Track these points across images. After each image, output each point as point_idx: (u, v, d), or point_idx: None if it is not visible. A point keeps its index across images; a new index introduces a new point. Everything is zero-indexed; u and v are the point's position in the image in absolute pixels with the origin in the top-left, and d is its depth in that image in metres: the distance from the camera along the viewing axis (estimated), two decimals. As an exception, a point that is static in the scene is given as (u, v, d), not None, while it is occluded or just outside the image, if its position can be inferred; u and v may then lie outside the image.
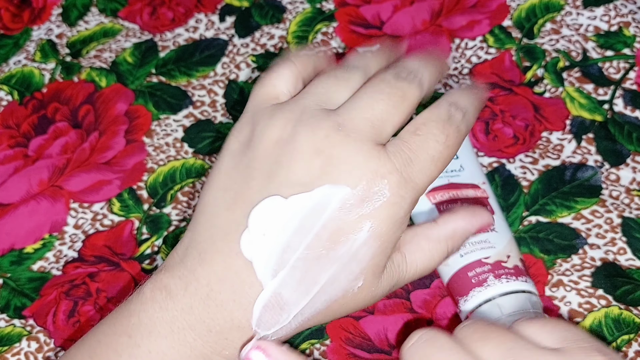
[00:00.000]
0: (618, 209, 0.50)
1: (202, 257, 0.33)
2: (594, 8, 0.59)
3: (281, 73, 0.35)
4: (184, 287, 0.33)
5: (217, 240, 0.33)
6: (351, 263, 0.32)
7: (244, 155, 0.33)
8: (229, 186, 0.33)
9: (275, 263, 0.32)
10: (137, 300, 0.34)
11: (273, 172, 0.32)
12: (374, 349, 0.46)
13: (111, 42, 0.63)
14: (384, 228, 0.32)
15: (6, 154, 0.57)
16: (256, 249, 0.32)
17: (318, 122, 0.32)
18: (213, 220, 0.33)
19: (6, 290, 0.51)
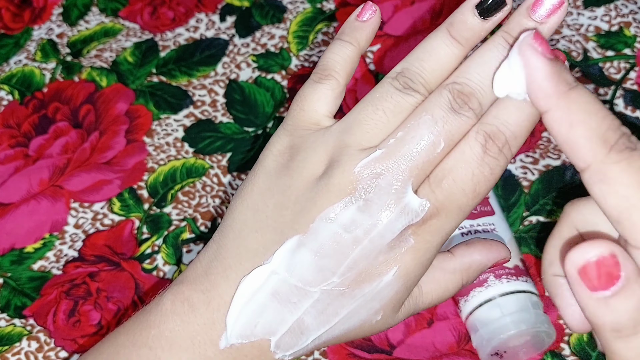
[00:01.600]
0: (618, 209, 0.50)
1: (227, 274, 0.33)
2: (595, 8, 0.59)
3: (323, 94, 0.34)
4: (207, 301, 0.33)
5: (244, 261, 0.33)
6: (373, 301, 0.33)
7: (280, 180, 0.33)
8: (262, 209, 0.33)
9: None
10: (156, 311, 0.34)
11: (307, 209, 0.32)
12: (374, 349, 0.46)
13: (112, 41, 0.63)
14: (409, 270, 0.32)
15: (7, 154, 0.57)
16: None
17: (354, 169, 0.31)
18: (241, 240, 0.33)
19: (7, 289, 0.51)
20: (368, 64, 0.59)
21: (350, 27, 0.35)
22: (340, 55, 0.35)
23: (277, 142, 0.34)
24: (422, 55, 0.32)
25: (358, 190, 0.31)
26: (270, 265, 0.32)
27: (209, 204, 0.53)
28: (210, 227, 0.52)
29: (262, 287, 0.32)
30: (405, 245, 0.32)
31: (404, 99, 0.32)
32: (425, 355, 0.45)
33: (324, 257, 0.32)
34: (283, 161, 0.34)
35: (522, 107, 0.30)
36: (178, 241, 0.52)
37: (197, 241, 0.52)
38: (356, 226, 0.31)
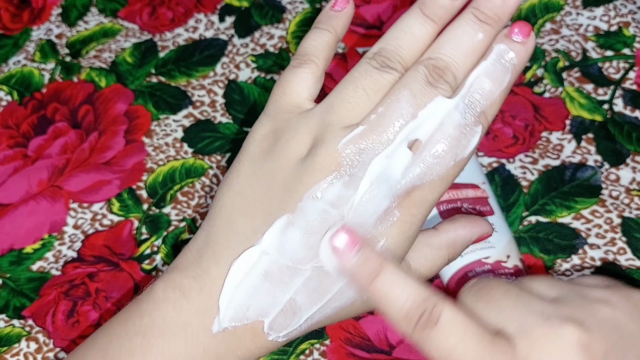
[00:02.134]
0: (618, 209, 0.50)
1: (217, 259, 0.33)
2: (594, 8, 0.59)
3: (303, 77, 0.35)
4: (199, 288, 0.33)
5: (233, 245, 0.33)
6: None
7: (265, 163, 0.34)
8: (249, 193, 0.34)
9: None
10: (148, 299, 0.34)
11: (294, 189, 0.33)
12: (373, 349, 0.46)
13: (111, 42, 0.63)
14: (396, 243, 0.33)
15: (6, 154, 0.57)
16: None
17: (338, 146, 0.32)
18: (231, 225, 0.34)
19: (5, 290, 0.51)
20: (367, 64, 0.59)
21: (327, 16, 0.36)
22: (319, 41, 0.36)
23: (260, 128, 0.35)
24: (397, 34, 0.34)
25: (343, 167, 0.32)
26: (260, 246, 0.32)
27: (208, 204, 0.53)
28: (209, 228, 0.52)
29: (253, 269, 0.33)
30: (391, 219, 0.33)
31: (382, 76, 0.33)
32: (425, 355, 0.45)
33: (313, 234, 0.32)
34: (267, 145, 0.34)
35: (498, 81, 0.33)
36: (177, 241, 0.52)
37: (197, 241, 0.51)
38: (343, 202, 0.32)
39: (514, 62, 0.33)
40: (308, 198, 0.32)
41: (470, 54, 0.33)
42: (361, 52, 0.60)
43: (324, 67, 0.36)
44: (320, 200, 0.32)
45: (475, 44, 0.33)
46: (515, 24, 0.33)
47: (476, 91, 0.33)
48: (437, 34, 0.34)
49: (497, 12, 0.33)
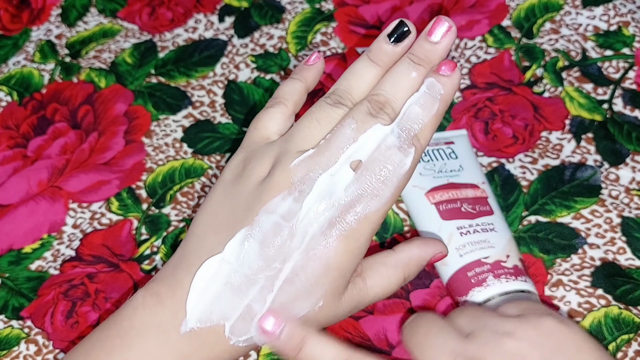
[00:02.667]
0: (617, 209, 0.50)
1: (189, 270, 0.37)
2: (593, 8, 0.59)
3: (273, 115, 0.41)
4: (172, 294, 0.37)
5: (203, 257, 0.37)
6: (313, 287, 0.37)
7: (233, 187, 0.39)
8: (218, 213, 0.38)
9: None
10: (129, 305, 0.38)
11: (252, 205, 0.37)
12: (372, 349, 0.46)
13: (110, 42, 0.63)
14: (342, 258, 0.37)
15: (5, 155, 0.57)
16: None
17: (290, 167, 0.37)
18: (201, 241, 0.38)
19: (4, 290, 0.50)
20: (367, 64, 0.59)
21: (300, 68, 0.42)
22: (290, 88, 0.41)
23: (235, 158, 0.40)
24: (349, 77, 0.40)
25: (294, 184, 0.37)
26: (221, 254, 0.37)
27: (208, 204, 0.53)
28: (209, 228, 0.52)
29: (215, 277, 0.37)
30: (334, 234, 0.37)
31: (334, 111, 0.39)
32: None
33: (267, 246, 0.37)
34: (237, 172, 0.39)
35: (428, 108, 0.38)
36: (177, 242, 0.52)
37: (196, 242, 0.51)
38: (292, 215, 0.37)
39: (442, 92, 0.38)
40: (263, 212, 0.37)
41: (406, 90, 0.38)
42: (360, 52, 0.60)
43: (294, 110, 0.41)
44: (273, 214, 0.37)
45: (410, 80, 0.38)
46: (443, 63, 0.39)
47: (409, 117, 0.38)
48: (381, 75, 0.40)
49: (427, 55, 0.39)
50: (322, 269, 0.37)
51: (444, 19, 0.39)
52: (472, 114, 0.55)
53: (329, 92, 0.40)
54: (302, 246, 0.37)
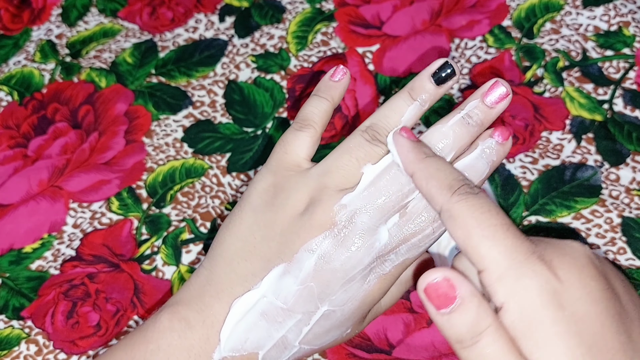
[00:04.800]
0: (618, 209, 0.50)
1: (219, 296, 0.37)
2: (594, 8, 0.59)
3: (304, 141, 0.39)
4: (202, 320, 0.37)
5: (235, 285, 0.37)
6: (346, 321, 0.38)
7: (265, 215, 0.38)
8: (249, 240, 0.38)
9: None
10: (154, 328, 0.37)
11: (291, 240, 0.37)
12: (373, 349, 0.46)
13: (111, 42, 0.63)
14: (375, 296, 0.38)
15: (6, 155, 0.57)
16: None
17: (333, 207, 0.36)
18: (232, 266, 0.38)
19: (4, 290, 0.51)
20: (367, 64, 0.59)
21: (326, 86, 0.41)
22: (318, 109, 0.40)
23: (262, 180, 0.39)
24: (388, 112, 0.38)
25: (337, 226, 0.36)
26: (259, 289, 0.37)
27: (209, 204, 0.53)
28: (209, 228, 0.52)
29: (252, 308, 0.37)
30: (374, 275, 0.37)
31: (373, 149, 0.38)
32: (425, 355, 0.45)
33: (305, 284, 0.36)
34: (267, 198, 0.38)
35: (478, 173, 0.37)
36: (177, 242, 0.52)
37: (197, 242, 0.51)
38: (333, 258, 0.36)
39: (493, 159, 0.37)
40: (304, 251, 0.36)
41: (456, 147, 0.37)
42: (361, 52, 0.60)
43: (321, 131, 0.40)
44: (315, 254, 0.36)
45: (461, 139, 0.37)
46: (498, 128, 0.37)
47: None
48: (421, 114, 0.39)
49: (481, 118, 0.37)
50: (357, 305, 0.37)
51: (501, 83, 0.37)
52: (472, 114, 0.55)
53: (367, 125, 0.38)
54: (343, 288, 0.36)
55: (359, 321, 0.39)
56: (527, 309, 0.29)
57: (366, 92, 0.57)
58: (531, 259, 0.30)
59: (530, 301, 0.29)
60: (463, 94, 0.56)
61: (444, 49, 0.59)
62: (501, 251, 0.30)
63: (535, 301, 0.29)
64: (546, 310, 0.29)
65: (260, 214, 0.38)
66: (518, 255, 0.30)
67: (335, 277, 0.36)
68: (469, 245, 0.31)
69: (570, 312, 0.29)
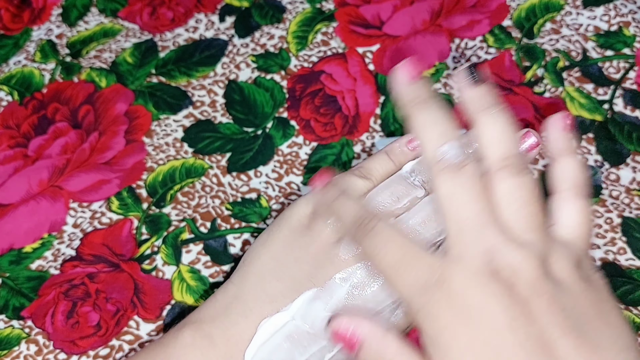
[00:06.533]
0: (618, 209, 0.50)
1: (246, 315, 0.37)
2: (594, 8, 0.59)
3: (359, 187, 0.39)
4: (226, 338, 0.37)
5: (264, 304, 0.37)
6: None
7: (301, 238, 0.38)
8: (283, 260, 0.38)
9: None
10: (175, 344, 0.37)
11: (324, 266, 0.37)
12: (373, 349, 0.46)
13: (111, 42, 0.63)
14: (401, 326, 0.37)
15: (6, 154, 0.57)
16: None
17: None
18: (262, 285, 0.38)
19: (5, 289, 0.51)
20: (367, 64, 0.59)
21: (399, 150, 0.41)
22: (383, 168, 0.40)
23: (305, 205, 0.40)
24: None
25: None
26: (289, 312, 0.37)
27: (209, 204, 0.53)
28: (209, 228, 0.52)
29: (279, 330, 0.37)
30: (401, 310, 0.37)
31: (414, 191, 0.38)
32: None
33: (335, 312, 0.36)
34: (305, 222, 0.39)
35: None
36: (177, 242, 0.52)
37: (197, 241, 0.51)
38: (365, 289, 0.36)
39: None
40: (337, 278, 0.37)
41: None
42: (361, 52, 0.60)
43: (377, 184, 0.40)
44: (347, 283, 0.37)
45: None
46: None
47: None
48: None
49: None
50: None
51: (532, 134, 0.37)
52: (472, 114, 0.55)
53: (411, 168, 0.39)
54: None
55: None
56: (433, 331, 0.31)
57: (366, 92, 0.57)
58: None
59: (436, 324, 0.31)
60: (463, 94, 0.56)
61: (444, 49, 0.59)
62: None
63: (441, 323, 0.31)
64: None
65: (297, 236, 0.38)
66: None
67: (366, 308, 0.36)
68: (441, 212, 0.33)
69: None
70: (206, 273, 0.50)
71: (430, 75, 0.58)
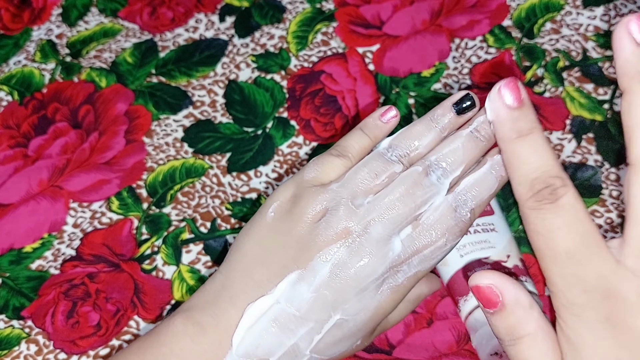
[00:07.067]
0: (618, 209, 0.50)
1: (234, 302, 0.38)
2: (594, 8, 0.59)
3: (337, 167, 0.40)
4: (216, 324, 0.37)
5: (250, 290, 0.38)
6: (358, 332, 0.38)
7: (284, 223, 0.39)
8: (268, 246, 0.39)
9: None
10: (167, 332, 0.38)
11: (306, 248, 0.37)
12: (373, 349, 0.46)
13: (111, 42, 0.63)
14: (387, 308, 0.38)
15: (6, 154, 0.57)
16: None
17: (349, 215, 0.37)
18: (248, 271, 0.38)
19: (5, 289, 0.51)
20: (367, 64, 0.59)
21: (373, 125, 0.41)
22: (359, 144, 0.41)
23: (285, 191, 0.40)
24: (409, 135, 0.40)
25: (352, 236, 0.37)
26: (273, 295, 0.37)
27: (209, 204, 0.53)
28: (209, 228, 0.52)
29: (265, 314, 0.37)
30: (387, 286, 0.37)
31: (392, 166, 0.39)
32: (425, 355, 0.45)
33: (319, 292, 0.37)
34: (287, 207, 0.39)
35: (487, 188, 0.38)
36: (177, 241, 0.52)
37: (197, 241, 0.51)
38: (348, 266, 0.37)
39: (502, 174, 0.38)
40: (319, 259, 0.37)
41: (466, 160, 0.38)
42: (361, 52, 0.60)
43: (356, 162, 0.41)
44: (329, 262, 0.37)
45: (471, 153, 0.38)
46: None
47: (469, 192, 0.38)
48: (439, 139, 0.40)
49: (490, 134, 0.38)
50: (369, 316, 0.38)
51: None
52: (472, 114, 0.55)
53: (388, 144, 0.40)
54: (356, 298, 0.37)
55: (369, 334, 0.39)
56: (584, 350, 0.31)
57: (366, 92, 0.57)
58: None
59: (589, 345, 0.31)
60: (463, 94, 0.56)
61: (444, 49, 0.59)
62: (566, 282, 0.31)
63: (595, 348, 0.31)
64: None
65: (280, 222, 0.39)
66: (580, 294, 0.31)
67: (349, 286, 0.37)
68: (540, 262, 0.33)
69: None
70: (206, 273, 0.50)
71: (430, 75, 0.58)
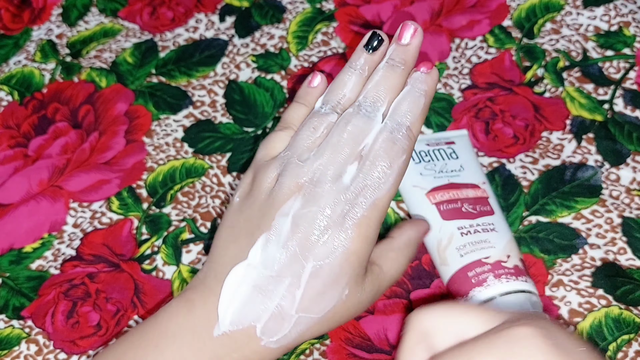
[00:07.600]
0: (618, 209, 0.50)
1: (217, 278, 0.40)
2: (594, 8, 0.59)
3: (281, 138, 0.43)
4: (204, 300, 0.40)
5: (227, 265, 0.40)
6: (337, 277, 0.39)
7: (247, 201, 0.42)
8: (235, 225, 0.41)
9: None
10: (164, 312, 0.41)
11: (267, 211, 0.40)
12: (373, 349, 0.46)
13: (111, 42, 0.63)
14: (358, 245, 0.40)
15: (6, 154, 0.57)
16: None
17: (298, 170, 0.40)
18: (225, 251, 0.41)
19: (5, 289, 0.51)
20: (367, 64, 0.59)
21: (304, 92, 0.45)
22: (296, 113, 0.45)
23: (246, 177, 0.43)
24: (336, 86, 0.43)
25: (304, 187, 0.40)
26: (246, 261, 0.39)
27: (209, 204, 0.53)
28: (210, 228, 0.52)
29: (243, 281, 0.39)
30: (350, 222, 0.39)
31: (329, 118, 0.42)
32: (425, 355, 0.45)
33: (287, 246, 0.39)
34: (249, 187, 0.43)
35: (415, 103, 0.41)
36: (178, 242, 0.52)
37: (197, 241, 0.51)
38: (306, 214, 0.39)
39: (425, 88, 0.42)
40: (279, 216, 0.40)
41: (390, 88, 0.42)
42: (361, 52, 0.60)
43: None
44: (289, 216, 0.39)
45: (392, 80, 0.42)
46: (421, 63, 0.43)
47: (399, 113, 0.41)
48: (365, 80, 0.43)
49: (402, 57, 0.42)
50: (342, 257, 0.39)
51: (410, 23, 0.43)
52: (472, 114, 0.55)
53: (321, 102, 0.43)
54: (322, 240, 0.39)
55: (355, 279, 0.40)
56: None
57: (366, 92, 0.57)
58: None
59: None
60: (464, 94, 0.56)
61: (444, 49, 0.59)
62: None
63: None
64: None
65: (243, 202, 0.42)
66: None
67: (311, 231, 0.39)
68: None
69: None
70: (206, 273, 0.50)
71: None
